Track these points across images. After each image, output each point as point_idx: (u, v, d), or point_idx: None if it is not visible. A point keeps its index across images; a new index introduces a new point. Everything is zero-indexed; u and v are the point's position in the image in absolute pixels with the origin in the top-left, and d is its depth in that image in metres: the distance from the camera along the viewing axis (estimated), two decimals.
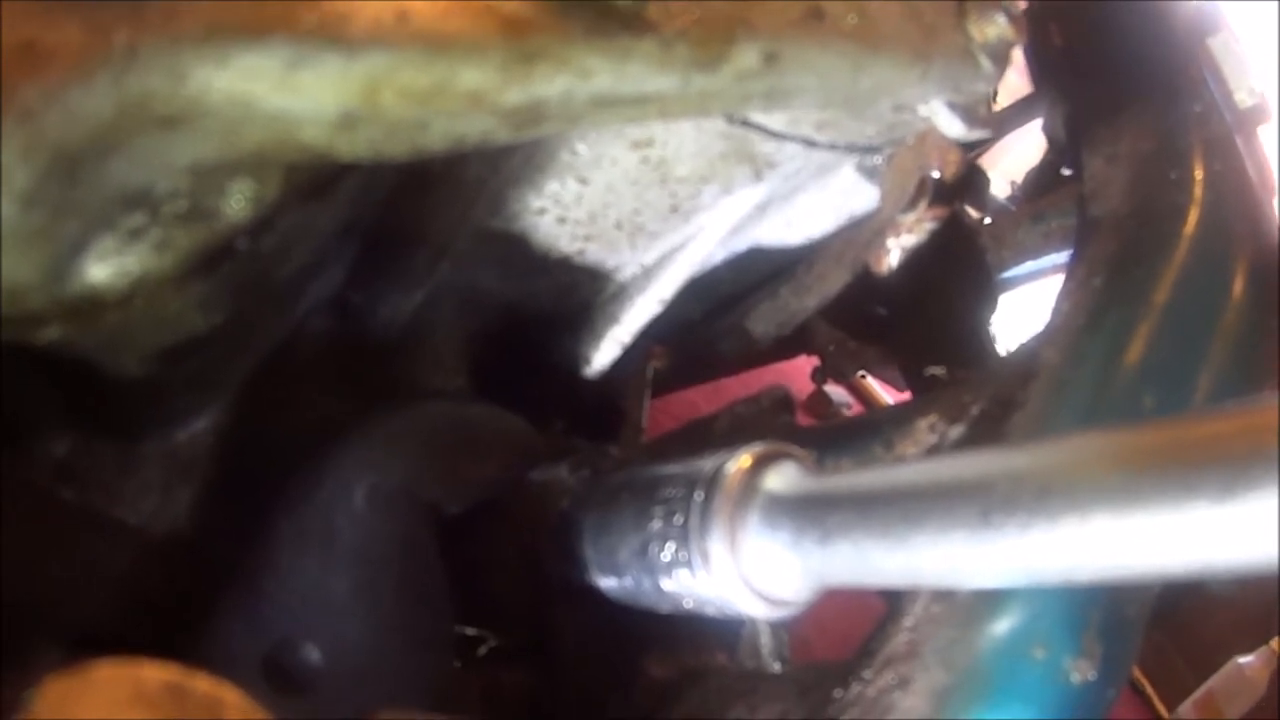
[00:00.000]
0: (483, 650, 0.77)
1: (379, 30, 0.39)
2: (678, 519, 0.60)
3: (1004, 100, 1.44)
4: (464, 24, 0.40)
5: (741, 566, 0.57)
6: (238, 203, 0.43)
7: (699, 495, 0.58)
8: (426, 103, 0.40)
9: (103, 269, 0.43)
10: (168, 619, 0.69)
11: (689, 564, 0.59)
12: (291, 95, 0.38)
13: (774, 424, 0.96)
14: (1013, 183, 1.70)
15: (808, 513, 0.54)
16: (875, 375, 2.16)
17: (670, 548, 0.60)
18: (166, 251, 0.43)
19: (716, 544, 0.57)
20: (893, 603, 0.69)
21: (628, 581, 0.65)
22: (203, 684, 0.36)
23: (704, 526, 0.58)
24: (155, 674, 0.35)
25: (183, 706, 0.34)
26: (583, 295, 0.92)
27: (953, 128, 0.73)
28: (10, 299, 0.41)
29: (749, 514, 0.57)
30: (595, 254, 0.86)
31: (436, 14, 0.40)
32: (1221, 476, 0.38)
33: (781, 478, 0.58)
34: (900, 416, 0.86)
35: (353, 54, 0.38)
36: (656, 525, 0.61)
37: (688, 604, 0.62)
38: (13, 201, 0.35)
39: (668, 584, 0.61)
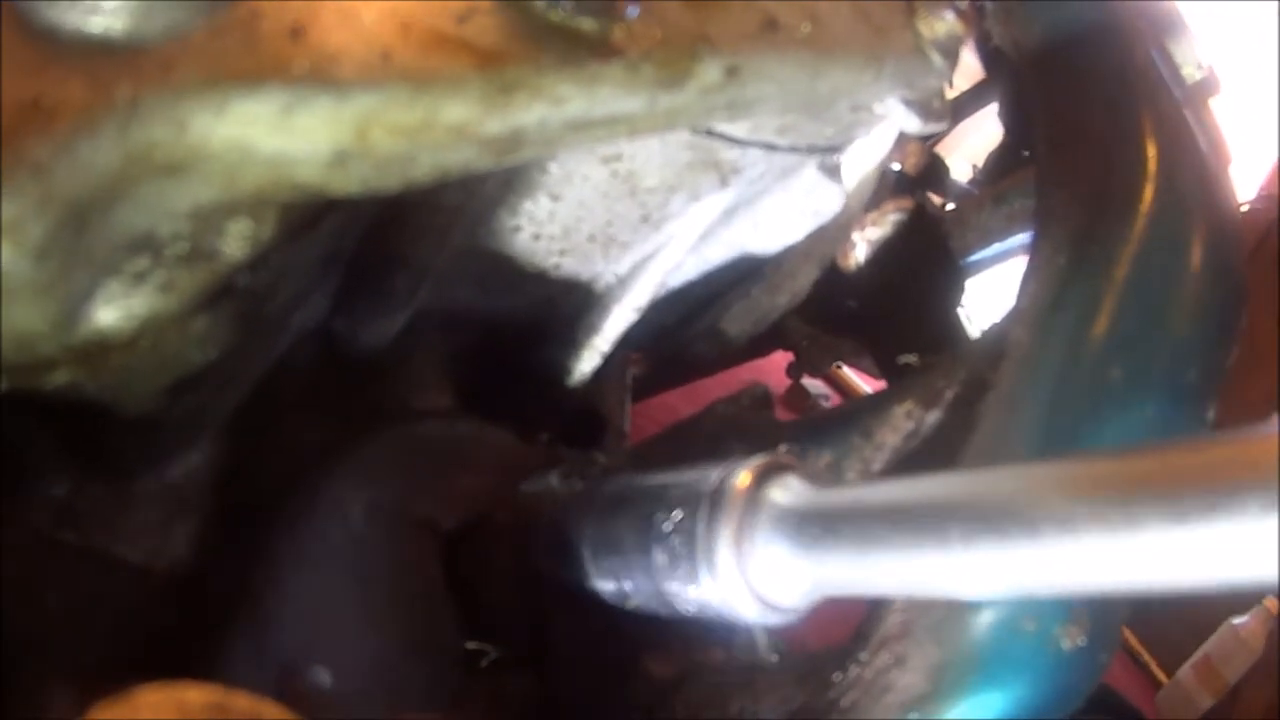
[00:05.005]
0: (484, 663, 0.78)
1: (367, 71, 0.40)
2: (684, 531, 0.60)
3: (960, 84, 1.44)
4: (443, 60, 0.42)
5: (748, 577, 0.57)
6: (236, 242, 0.45)
7: (705, 506, 0.59)
8: (414, 137, 0.42)
9: (110, 312, 0.44)
10: (176, 651, 0.70)
11: (695, 575, 0.59)
12: (287, 137, 0.40)
13: (755, 421, 0.97)
14: (974, 166, 1.68)
15: (814, 526, 0.55)
16: (851, 365, 2.17)
17: (677, 560, 0.60)
18: (170, 292, 0.45)
19: (724, 555, 0.57)
20: None
21: (627, 586, 0.66)
22: (243, 701, 0.38)
23: (711, 537, 0.58)
24: (198, 695, 0.36)
25: None
26: (561, 307, 0.93)
27: (909, 123, 0.75)
28: (21, 347, 0.42)
29: (756, 527, 0.57)
30: (571, 267, 0.88)
31: (417, 52, 0.42)
32: (1199, 501, 0.40)
33: (786, 491, 0.58)
34: (877, 405, 0.88)
35: (344, 95, 0.40)
36: (662, 537, 0.61)
37: (691, 610, 0.62)
38: (27, 254, 0.37)
39: (673, 593, 0.62)
